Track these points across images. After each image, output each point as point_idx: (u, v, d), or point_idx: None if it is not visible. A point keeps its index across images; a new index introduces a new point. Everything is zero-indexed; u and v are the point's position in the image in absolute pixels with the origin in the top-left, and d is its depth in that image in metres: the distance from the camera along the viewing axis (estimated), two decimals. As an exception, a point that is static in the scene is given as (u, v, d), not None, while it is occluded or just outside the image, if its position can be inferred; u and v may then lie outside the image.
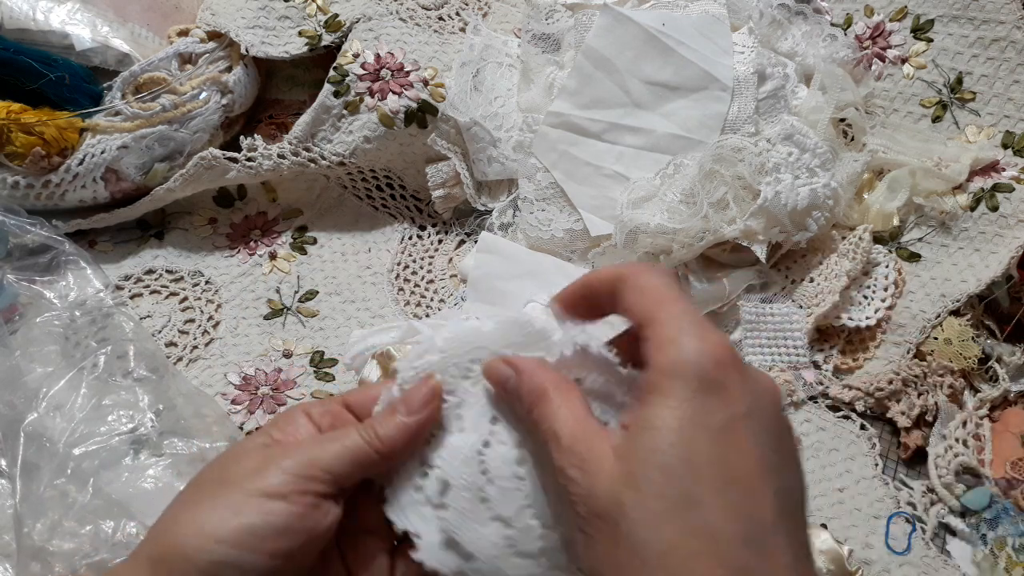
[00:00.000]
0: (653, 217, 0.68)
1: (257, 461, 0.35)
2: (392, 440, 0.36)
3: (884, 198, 0.71)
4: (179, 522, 0.34)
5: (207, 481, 0.36)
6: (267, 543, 0.33)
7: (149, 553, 0.34)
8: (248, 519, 0.33)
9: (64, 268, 0.68)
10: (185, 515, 0.34)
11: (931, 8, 0.74)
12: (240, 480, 0.34)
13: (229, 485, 0.34)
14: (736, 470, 0.29)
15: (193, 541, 0.33)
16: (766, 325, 0.68)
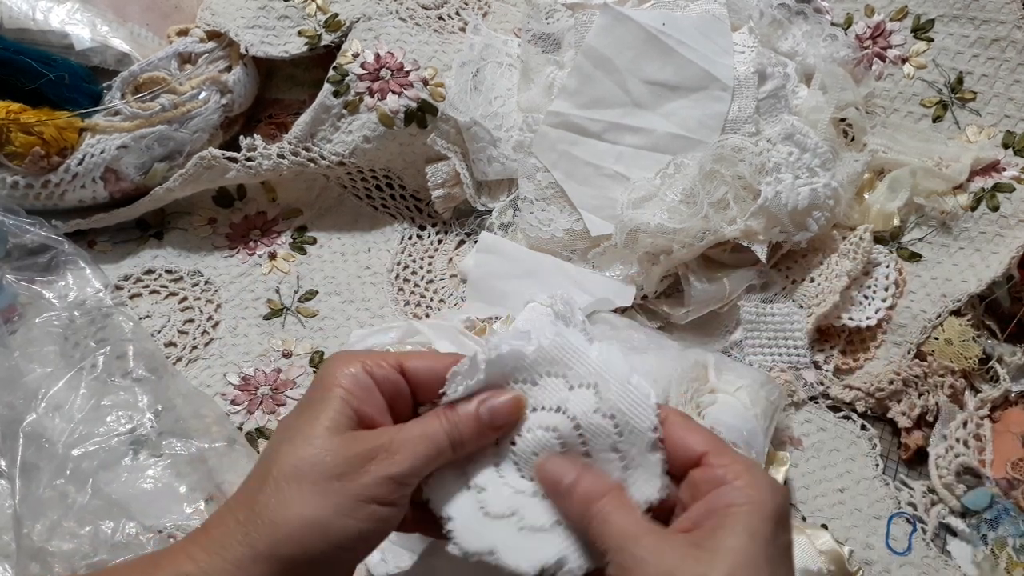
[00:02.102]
0: (653, 217, 0.68)
1: (358, 459, 0.36)
2: (470, 443, 0.38)
3: (884, 198, 0.71)
4: (293, 520, 0.35)
5: (307, 468, 0.36)
6: (373, 545, 0.37)
7: (257, 546, 0.35)
8: (366, 527, 0.36)
9: (63, 268, 0.68)
10: (298, 512, 0.35)
11: (931, 8, 0.74)
12: (348, 481, 0.35)
13: (337, 484, 0.35)
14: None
15: (318, 547, 0.35)
16: (766, 325, 0.68)
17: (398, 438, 0.37)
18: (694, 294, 0.68)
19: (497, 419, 0.38)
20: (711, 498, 0.35)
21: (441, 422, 0.38)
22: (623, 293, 0.70)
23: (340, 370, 0.38)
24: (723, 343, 0.69)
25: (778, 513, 0.34)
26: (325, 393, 0.38)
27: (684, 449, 0.37)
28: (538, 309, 0.62)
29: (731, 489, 0.34)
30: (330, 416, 0.37)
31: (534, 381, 0.40)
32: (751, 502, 0.34)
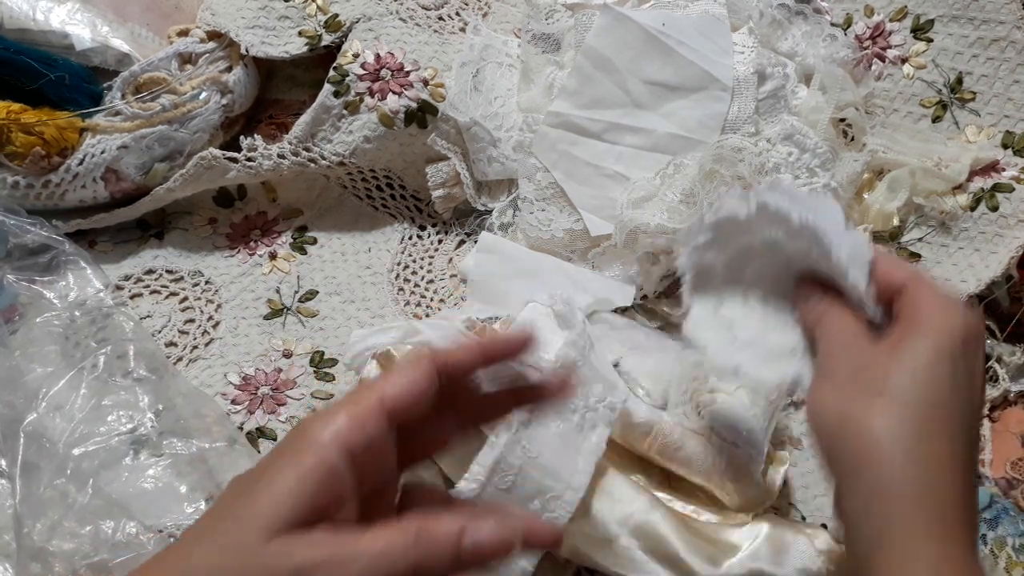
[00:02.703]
0: (653, 217, 0.68)
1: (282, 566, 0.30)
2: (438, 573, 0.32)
3: (884, 198, 0.71)
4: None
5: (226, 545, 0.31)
6: None
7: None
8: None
9: (64, 268, 0.68)
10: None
11: (931, 8, 0.74)
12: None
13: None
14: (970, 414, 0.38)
15: None
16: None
17: (341, 555, 0.30)
18: (694, 294, 0.68)
19: (481, 556, 0.32)
20: (904, 318, 0.39)
21: (407, 543, 0.31)
22: (623, 293, 0.70)
23: (311, 442, 0.32)
24: (723, 343, 0.69)
25: (965, 334, 0.38)
26: (280, 472, 0.32)
27: (888, 282, 0.40)
28: (538, 309, 0.62)
29: (922, 311, 0.38)
30: (272, 511, 0.31)
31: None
32: (937, 321, 0.38)
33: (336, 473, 0.31)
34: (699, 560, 0.52)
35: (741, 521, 0.55)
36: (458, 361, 0.36)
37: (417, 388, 0.34)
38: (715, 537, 0.54)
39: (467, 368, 0.36)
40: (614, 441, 0.56)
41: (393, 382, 0.34)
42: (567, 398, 0.40)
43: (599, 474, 0.53)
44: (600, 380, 0.55)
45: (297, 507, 0.31)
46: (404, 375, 0.34)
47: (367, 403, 0.33)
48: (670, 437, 0.55)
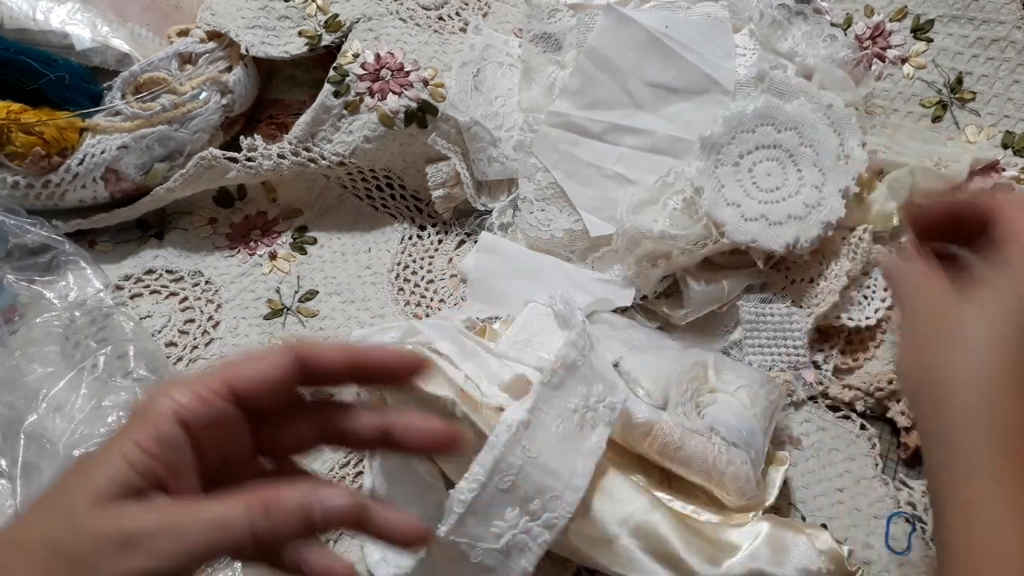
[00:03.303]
0: (655, 224, 0.68)
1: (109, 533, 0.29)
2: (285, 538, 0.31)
3: (884, 198, 0.71)
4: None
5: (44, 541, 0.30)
6: None
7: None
8: None
9: (64, 268, 0.68)
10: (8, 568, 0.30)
11: (931, 8, 0.74)
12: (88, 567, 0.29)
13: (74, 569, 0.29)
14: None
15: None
16: (766, 325, 0.68)
17: (174, 522, 0.30)
18: (692, 296, 0.68)
19: (330, 522, 0.31)
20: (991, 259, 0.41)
21: (249, 511, 0.30)
22: (623, 293, 0.70)
23: (147, 412, 0.31)
24: (722, 343, 0.69)
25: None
26: (113, 443, 0.31)
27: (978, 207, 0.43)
28: (538, 309, 0.62)
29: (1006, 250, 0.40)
30: (103, 480, 0.30)
31: None
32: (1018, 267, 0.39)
33: (170, 443, 0.31)
34: (699, 560, 0.52)
35: (741, 521, 0.55)
36: (322, 362, 0.33)
37: (268, 376, 0.33)
38: (715, 537, 0.54)
39: (332, 372, 0.34)
40: (614, 441, 0.56)
41: (245, 365, 0.33)
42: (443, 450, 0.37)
43: (599, 474, 0.53)
44: (600, 380, 0.55)
45: (128, 474, 0.30)
46: (259, 361, 0.33)
47: (212, 381, 0.32)
48: (670, 437, 0.55)
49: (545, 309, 0.62)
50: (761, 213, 0.67)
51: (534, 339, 0.60)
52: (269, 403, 0.33)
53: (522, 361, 0.58)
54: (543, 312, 0.62)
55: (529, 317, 0.62)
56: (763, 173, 0.68)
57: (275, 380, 0.33)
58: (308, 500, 0.31)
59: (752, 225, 0.67)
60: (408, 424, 0.35)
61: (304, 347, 0.33)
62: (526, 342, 0.60)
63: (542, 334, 0.60)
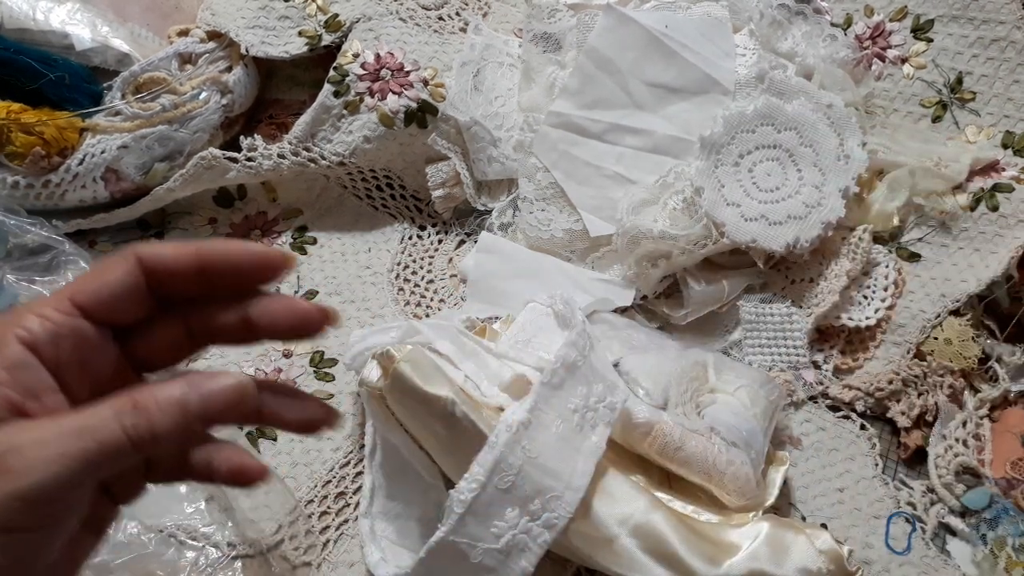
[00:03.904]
0: (655, 224, 0.68)
1: None
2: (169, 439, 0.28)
3: (884, 198, 0.71)
4: None
5: None
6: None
7: None
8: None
9: (64, 268, 0.68)
10: None
11: (931, 8, 0.74)
12: None
13: None
14: None
15: None
16: (766, 325, 0.68)
17: (36, 436, 0.27)
18: (693, 296, 0.68)
19: (211, 410, 0.28)
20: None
21: (117, 412, 0.28)
22: (623, 293, 0.70)
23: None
24: (723, 343, 0.69)
25: None
26: None
27: None
28: (538, 309, 0.62)
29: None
30: None
31: None
32: None
33: (19, 366, 0.29)
34: (699, 560, 0.52)
35: (741, 521, 0.55)
36: (165, 263, 0.31)
37: (111, 285, 0.30)
38: (715, 537, 0.54)
39: (179, 275, 0.31)
40: (614, 441, 0.56)
41: (87, 278, 0.31)
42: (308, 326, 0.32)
43: (599, 474, 0.53)
44: (600, 380, 0.55)
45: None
46: (101, 272, 0.31)
47: (55, 300, 0.30)
48: (670, 437, 0.55)
49: (545, 309, 0.62)
50: (761, 213, 0.67)
51: (534, 339, 0.60)
52: (124, 314, 0.31)
53: (522, 361, 0.58)
54: (543, 312, 0.62)
55: (529, 317, 0.62)
56: (763, 173, 0.68)
57: (120, 288, 0.30)
58: (183, 390, 0.28)
59: (752, 225, 0.67)
60: (269, 308, 0.32)
61: (145, 250, 0.31)
62: (526, 342, 0.60)
63: (542, 334, 0.60)
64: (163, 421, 0.28)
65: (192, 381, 0.28)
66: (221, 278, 0.32)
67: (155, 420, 0.28)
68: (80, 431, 0.27)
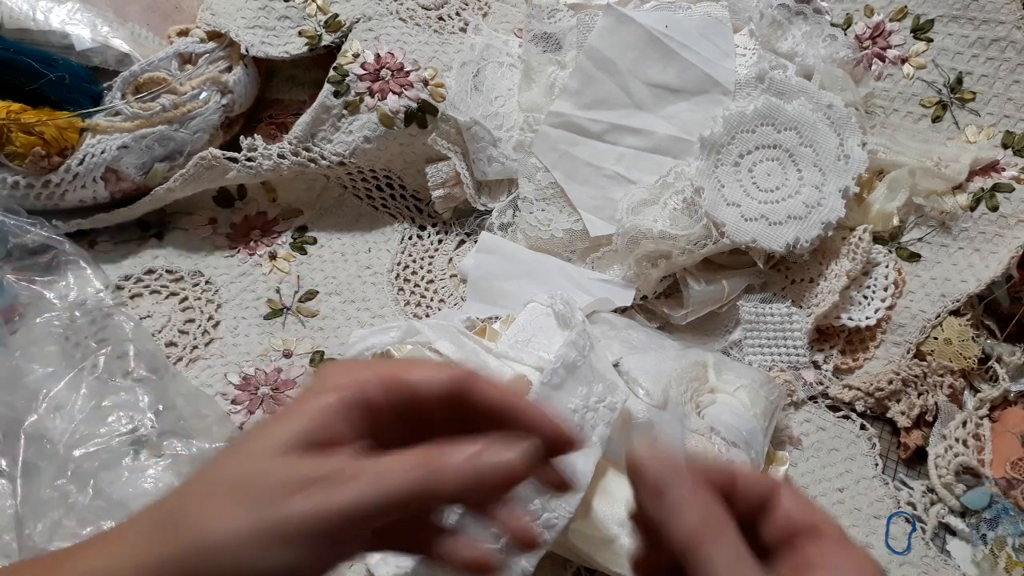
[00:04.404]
0: (655, 224, 0.68)
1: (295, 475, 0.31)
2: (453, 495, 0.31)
3: (884, 198, 0.71)
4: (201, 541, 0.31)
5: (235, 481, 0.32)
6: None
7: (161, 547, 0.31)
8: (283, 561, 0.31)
9: (64, 268, 0.68)
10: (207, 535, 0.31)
11: (931, 8, 0.74)
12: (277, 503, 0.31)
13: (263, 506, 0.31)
14: None
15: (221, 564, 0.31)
16: (766, 325, 0.68)
17: (355, 467, 0.31)
18: (693, 296, 0.68)
19: (486, 479, 0.31)
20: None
21: (420, 462, 0.31)
22: (623, 293, 0.70)
23: (328, 381, 0.33)
24: (723, 343, 0.69)
25: None
26: (297, 405, 0.33)
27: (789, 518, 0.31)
28: (538, 309, 0.62)
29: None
30: (288, 433, 0.32)
31: None
32: None
33: (343, 413, 0.33)
34: (699, 560, 0.52)
35: (741, 521, 0.55)
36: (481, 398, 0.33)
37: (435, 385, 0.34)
38: (715, 537, 0.54)
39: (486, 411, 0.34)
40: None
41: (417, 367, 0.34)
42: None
43: (599, 474, 0.53)
44: (600, 380, 0.55)
45: (306, 432, 0.32)
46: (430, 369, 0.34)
47: (384, 370, 0.34)
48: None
49: (545, 309, 0.62)
50: (761, 213, 0.67)
51: (534, 339, 0.60)
52: (428, 411, 0.34)
53: (522, 361, 0.58)
54: (543, 312, 0.62)
55: (529, 317, 0.62)
56: (763, 173, 0.68)
57: (439, 392, 0.34)
58: (472, 455, 0.31)
59: (752, 225, 0.67)
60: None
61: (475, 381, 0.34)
62: (526, 342, 0.60)
63: (542, 334, 0.60)
64: (451, 478, 0.31)
65: (478, 450, 0.31)
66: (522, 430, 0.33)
67: (446, 476, 0.31)
68: (389, 474, 0.31)
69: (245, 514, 0.31)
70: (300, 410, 0.33)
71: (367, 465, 0.31)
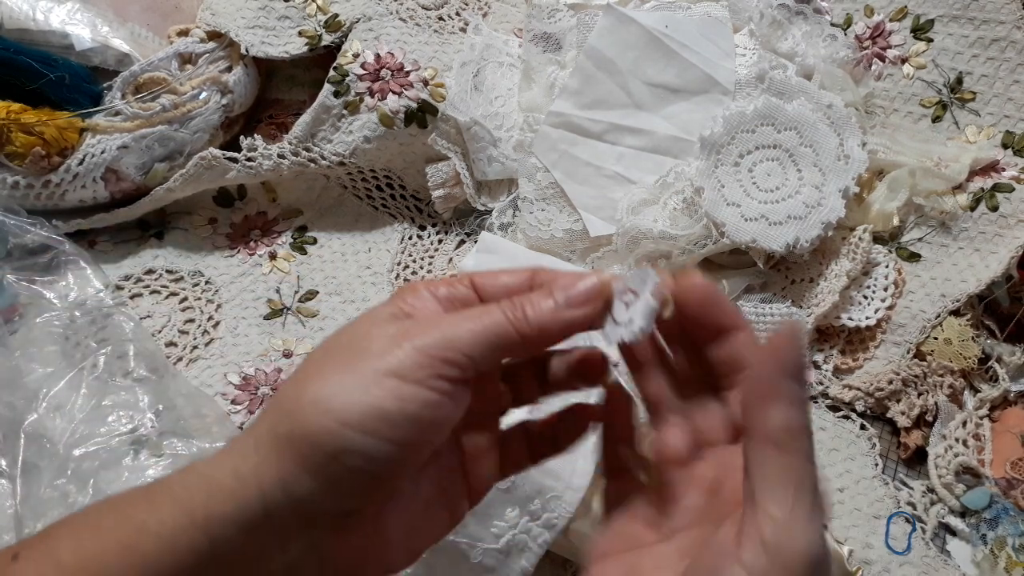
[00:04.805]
0: (655, 224, 0.68)
1: (389, 337, 0.32)
2: (542, 325, 0.33)
3: (884, 198, 0.71)
4: (304, 399, 0.31)
5: (335, 352, 0.33)
6: (398, 431, 0.31)
7: (273, 428, 0.32)
8: (379, 403, 0.31)
9: (64, 268, 0.68)
10: (311, 391, 0.31)
11: (931, 8, 0.74)
12: (371, 357, 0.32)
13: (359, 362, 0.32)
14: None
15: (320, 422, 0.31)
16: (766, 325, 0.68)
17: (454, 321, 0.33)
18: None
19: (574, 301, 0.33)
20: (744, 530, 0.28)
21: (500, 305, 0.33)
22: (623, 293, 0.70)
23: (405, 289, 0.35)
24: (723, 343, 0.69)
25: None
26: (379, 306, 0.35)
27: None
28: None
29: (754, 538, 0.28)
30: (377, 315, 0.34)
31: None
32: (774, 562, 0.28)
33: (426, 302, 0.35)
34: (699, 560, 0.52)
35: (741, 521, 0.55)
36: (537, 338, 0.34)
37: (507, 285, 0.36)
38: (715, 537, 0.54)
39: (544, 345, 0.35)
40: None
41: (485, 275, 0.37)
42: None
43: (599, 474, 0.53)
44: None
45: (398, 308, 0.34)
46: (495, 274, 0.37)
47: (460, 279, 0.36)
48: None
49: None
50: (761, 213, 0.67)
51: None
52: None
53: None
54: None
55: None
56: (763, 173, 0.68)
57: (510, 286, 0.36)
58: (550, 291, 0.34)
59: (752, 225, 0.67)
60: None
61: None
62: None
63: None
64: (535, 314, 0.33)
65: (557, 285, 0.34)
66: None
67: (532, 311, 0.33)
68: (478, 316, 0.33)
69: (344, 373, 0.31)
70: (380, 306, 0.34)
71: (456, 315, 0.34)
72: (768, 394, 0.29)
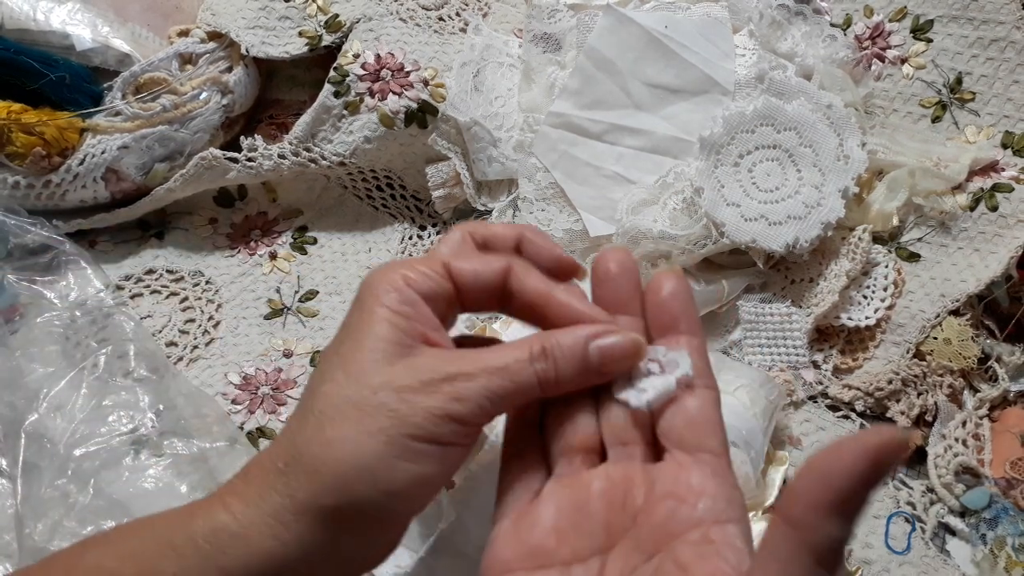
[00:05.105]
0: (655, 224, 0.68)
1: (408, 384, 0.31)
2: (567, 384, 0.32)
3: (884, 198, 0.71)
4: (341, 467, 0.31)
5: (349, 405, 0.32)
6: (435, 489, 0.33)
7: (316, 498, 0.31)
8: (422, 471, 0.31)
9: (64, 268, 0.68)
10: (345, 457, 0.31)
11: (931, 8, 0.74)
12: (397, 415, 0.31)
13: (383, 420, 0.31)
14: None
15: (369, 495, 0.31)
16: (765, 325, 0.69)
17: (467, 370, 0.32)
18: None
19: (608, 364, 0.32)
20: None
21: (532, 358, 0.32)
22: (623, 293, 0.70)
23: (380, 287, 0.33)
24: (722, 343, 0.69)
25: None
26: (366, 317, 0.33)
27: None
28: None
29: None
30: (375, 344, 0.32)
31: None
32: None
33: (415, 304, 0.33)
34: (699, 560, 0.52)
35: (741, 521, 0.55)
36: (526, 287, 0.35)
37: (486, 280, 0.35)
38: (715, 537, 0.54)
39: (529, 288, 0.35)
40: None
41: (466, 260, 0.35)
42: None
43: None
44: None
45: (396, 332, 0.32)
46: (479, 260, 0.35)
47: (432, 263, 0.34)
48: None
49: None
50: (761, 213, 0.67)
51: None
52: (477, 303, 0.35)
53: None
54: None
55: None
56: (763, 173, 0.68)
57: (492, 285, 0.34)
58: (586, 342, 0.32)
59: (752, 225, 0.67)
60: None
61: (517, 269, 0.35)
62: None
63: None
64: (567, 367, 0.32)
65: (591, 334, 0.32)
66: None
67: (560, 367, 0.32)
68: (503, 371, 0.32)
69: (367, 437, 0.31)
70: (371, 322, 0.32)
71: (479, 362, 0.32)
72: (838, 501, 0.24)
